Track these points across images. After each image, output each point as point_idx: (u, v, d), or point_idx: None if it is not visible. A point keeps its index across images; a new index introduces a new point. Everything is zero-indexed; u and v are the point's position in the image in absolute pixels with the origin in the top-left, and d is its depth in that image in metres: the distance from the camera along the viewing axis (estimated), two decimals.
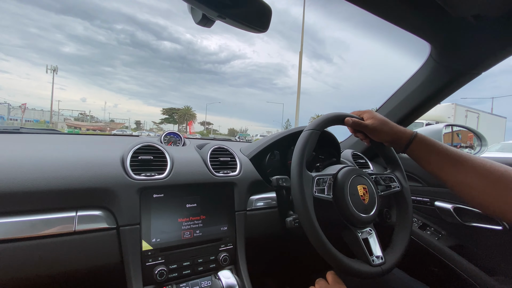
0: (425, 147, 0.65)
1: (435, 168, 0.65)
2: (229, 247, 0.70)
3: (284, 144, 0.92)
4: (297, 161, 0.60)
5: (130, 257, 0.58)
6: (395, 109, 0.95)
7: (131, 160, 0.66)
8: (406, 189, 0.72)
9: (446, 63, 0.78)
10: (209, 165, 0.73)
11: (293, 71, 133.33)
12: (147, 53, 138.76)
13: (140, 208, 0.61)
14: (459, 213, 0.86)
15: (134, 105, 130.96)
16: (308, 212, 0.57)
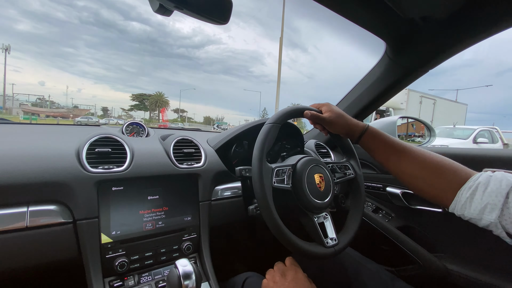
0: (374, 139, 0.71)
1: (382, 158, 0.71)
2: (193, 236, 0.72)
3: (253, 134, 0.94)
4: (257, 154, 0.62)
5: (88, 250, 0.58)
6: (353, 103, 1.01)
7: (87, 153, 0.63)
8: (359, 176, 0.78)
9: (399, 60, 0.84)
10: (172, 157, 0.73)
11: (269, 59, 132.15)
12: (114, 34, 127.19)
13: (98, 202, 0.60)
14: (406, 198, 0.96)
15: (100, 90, 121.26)
16: (266, 201, 0.60)
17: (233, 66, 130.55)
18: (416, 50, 0.80)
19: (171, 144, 0.76)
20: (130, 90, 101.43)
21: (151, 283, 0.63)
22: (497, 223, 0.54)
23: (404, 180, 0.69)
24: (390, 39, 0.81)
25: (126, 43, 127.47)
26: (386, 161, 0.71)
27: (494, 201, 0.53)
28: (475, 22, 0.67)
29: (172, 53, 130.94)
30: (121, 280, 0.61)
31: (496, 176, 0.55)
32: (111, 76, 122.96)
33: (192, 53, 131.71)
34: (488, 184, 0.55)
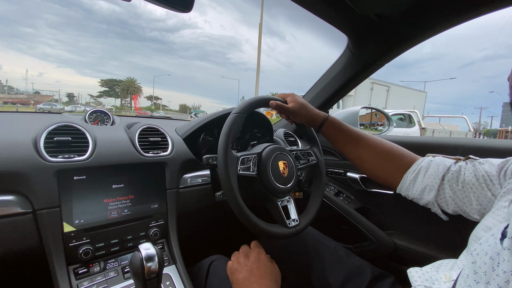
0: (333, 127, 0.76)
1: (340, 145, 0.77)
2: (160, 223, 0.74)
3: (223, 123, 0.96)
4: (222, 143, 0.65)
5: (50, 239, 0.58)
6: (318, 94, 1.06)
7: (46, 142, 0.62)
8: (321, 162, 0.84)
9: (358, 54, 0.90)
10: (137, 145, 0.73)
11: (247, 46, 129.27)
12: (79, 14, 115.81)
13: (58, 191, 0.59)
14: (364, 182, 1.05)
15: (64, 74, 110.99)
16: (231, 188, 0.63)
17: (209, 52, 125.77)
18: (373, 44, 0.85)
19: (136, 132, 0.76)
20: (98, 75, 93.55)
21: (117, 269, 0.64)
22: (434, 202, 0.62)
23: (358, 165, 0.76)
24: (350, 34, 0.85)
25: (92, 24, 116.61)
26: (343, 148, 0.77)
27: (432, 183, 0.61)
28: (426, 19, 0.73)
29: (144, 36, 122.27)
30: (86, 267, 0.61)
31: (435, 160, 0.63)
32: (77, 60, 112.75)
33: (166, 37, 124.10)
34: (429, 168, 0.63)
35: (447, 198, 0.60)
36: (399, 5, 0.70)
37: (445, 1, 0.66)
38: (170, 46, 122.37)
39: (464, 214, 0.59)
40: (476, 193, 0.55)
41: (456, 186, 0.58)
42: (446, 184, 0.60)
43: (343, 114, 1.21)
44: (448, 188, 0.59)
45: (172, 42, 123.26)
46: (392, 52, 0.86)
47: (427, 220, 0.88)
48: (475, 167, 0.57)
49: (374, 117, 1.57)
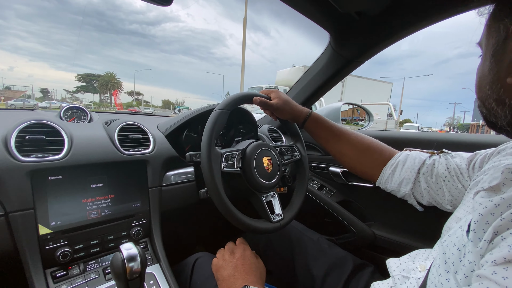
0: (316, 123, 0.78)
1: (323, 140, 0.79)
2: (143, 222, 0.72)
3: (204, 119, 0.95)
4: (206, 140, 0.64)
5: (24, 242, 0.55)
6: (301, 91, 1.08)
7: (17, 141, 0.58)
8: (304, 157, 0.85)
9: (340, 51, 0.92)
10: (116, 143, 0.71)
11: (231, 41, 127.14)
12: (52, 4, 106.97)
13: (32, 192, 0.56)
14: (345, 176, 1.08)
15: (37, 68, 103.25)
16: (215, 185, 0.63)
17: (193, 47, 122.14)
18: (353, 42, 0.87)
19: (116, 129, 0.73)
20: (74, 70, 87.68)
21: (98, 270, 0.63)
22: (410, 194, 0.66)
23: (340, 160, 0.78)
24: (332, 31, 0.87)
25: (67, 15, 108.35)
26: (326, 143, 0.79)
27: (409, 176, 0.65)
28: (404, 18, 0.75)
29: (123, 29, 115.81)
30: (65, 269, 0.59)
31: (412, 154, 0.66)
32: (50, 53, 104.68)
33: (147, 30, 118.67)
34: (406, 162, 0.66)
35: (422, 190, 0.63)
36: (378, 3, 0.72)
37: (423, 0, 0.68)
38: (151, 39, 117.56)
39: (438, 205, 0.63)
40: (448, 185, 0.58)
41: (430, 179, 0.62)
42: (422, 177, 0.63)
43: (326, 110, 1.23)
44: (424, 181, 0.63)
45: (153, 36, 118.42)
46: (372, 49, 0.89)
47: (404, 212, 0.92)
48: (447, 160, 0.60)
49: (356, 112, 1.61)
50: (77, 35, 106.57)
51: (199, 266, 0.71)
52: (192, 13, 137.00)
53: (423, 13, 0.72)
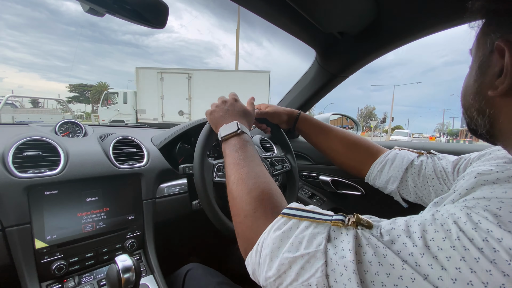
0: (306, 122, 0.82)
1: (313, 137, 0.82)
2: (137, 234, 0.74)
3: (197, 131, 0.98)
4: (198, 151, 0.67)
5: (21, 257, 0.56)
6: (289, 105, 1.12)
7: (14, 157, 0.60)
8: (294, 168, 0.89)
9: (326, 66, 0.97)
10: (111, 157, 0.73)
11: (224, 51, 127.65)
12: (43, 15, 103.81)
13: (29, 207, 0.58)
14: (335, 184, 1.12)
15: (27, 79, 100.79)
16: (207, 195, 0.65)
17: (186, 57, 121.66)
18: (338, 58, 0.93)
19: (111, 144, 0.76)
20: (66, 80, 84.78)
21: (93, 282, 0.64)
22: (396, 191, 0.69)
23: (329, 155, 0.81)
24: (317, 48, 0.92)
25: (59, 26, 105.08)
26: (316, 140, 0.82)
27: (396, 174, 0.68)
28: (383, 37, 0.81)
29: (116, 39, 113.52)
30: (60, 282, 0.61)
31: (400, 153, 0.70)
32: (41, 64, 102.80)
33: (140, 41, 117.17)
34: (394, 160, 0.69)
35: (410, 189, 0.66)
36: (358, 24, 0.77)
37: (399, 21, 0.74)
38: (145, 50, 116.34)
39: (424, 204, 0.66)
40: (434, 186, 0.61)
41: (417, 179, 0.65)
42: (409, 177, 0.66)
43: None
44: (411, 181, 0.66)
45: (146, 46, 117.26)
46: (356, 65, 0.94)
47: (390, 212, 0.96)
48: (434, 162, 0.63)
49: (345, 121, 1.67)
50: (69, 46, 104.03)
51: (190, 277, 0.72)
52: (185, 24, 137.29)
53: (403, 31, 0.78)
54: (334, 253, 0.30)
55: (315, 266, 0.30)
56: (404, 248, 0.27)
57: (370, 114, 55.30)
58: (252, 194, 0.43)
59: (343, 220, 0.32)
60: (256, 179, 0.45)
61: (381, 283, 0.26)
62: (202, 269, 0.73)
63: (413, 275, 0.25)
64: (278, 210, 0.39)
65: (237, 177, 0.47)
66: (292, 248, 0.32)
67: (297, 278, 0.31)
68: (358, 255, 0.28)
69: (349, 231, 0.31)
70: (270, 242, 0.34)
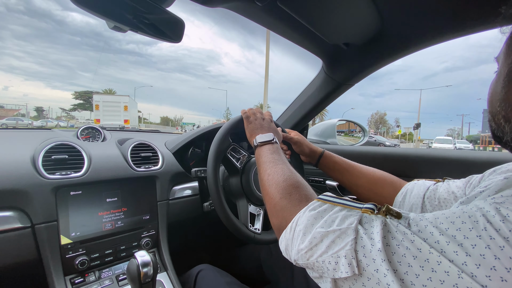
0: (330, 161, 0.84)
1: (337, 175, 0.84)
2: (152, 233, 0.79)
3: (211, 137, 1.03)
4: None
5: (48, 252, 0.61)
6: (295, 112, 1.16)
7: (44, 160, 0.66)
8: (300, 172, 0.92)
9: (332, 75, 1.00)
10: (129, 161, 0.78)
11: (226, 59, 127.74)
12: (50, 25, 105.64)
13: (56, 206, 0.63)
14: (341, 189, 1.14)
15: (33, 88, 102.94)
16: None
17: (189, 65, 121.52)
18: (343, 67, 0.96)
19: (129, 148, 0.81)
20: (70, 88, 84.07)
21: (111, 277, 0.69)
22: None
23: (356, 192, 0.82)
24: (324, 58, 0.96)
25: (64, 36, 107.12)
26: (341, 178, 0.84)
27: (416, 201, 0.70)
28: (389, 47, 0.84)
29: (120, 48, 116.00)
30: (82, 276, 0.65)
31: (418, 183, 0.72)
32: (46, 72, 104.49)
33: (143, 50, 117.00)
34: (413, 190, 0.72)
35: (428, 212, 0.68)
36: (363, 36, 0.81)
37: (404, 32, 0.77)
38: (148, 58, 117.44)
39: None
40: (448, 206, 0.62)
41: (434, 202, 0.66)
42: (427, 201, 0.67)
43: (322, 126, 1.31)
44: (428, 205, 0.67)
45: (150, 55, 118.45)
46: (362, 73, 0.97)
47: None
48: (448, 185, 0.65)
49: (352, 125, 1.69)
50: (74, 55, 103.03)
51: (201, 278, 0.76)
52: (188, 33, 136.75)
53: (408, 41, 0.80)
54: (364, 232, 0.32)
55: (345, 240, 0.32)
56: (431, 236, 0.28)
57: (381, 120, 54.45)
58: (287, 182, 0.48)
59: (373, 209, 0.35)
60: (290, 173, 0.51)
61: (408, 264, 0.28)
62: (213, 270, 0.77)
63: (439, 258, 0.27)
64: (311, 197, 0.44)
65: (273, 170, 0.53)
66: (325, 224, 0.35)
67: (327, 250, 0.33)
68: (387, 239, 0.30)
69: (378, 218, 0.33)
70: (305, 219, 0.37)
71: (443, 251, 0.27)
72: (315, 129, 1.38)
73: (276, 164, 0.55)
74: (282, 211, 0.44)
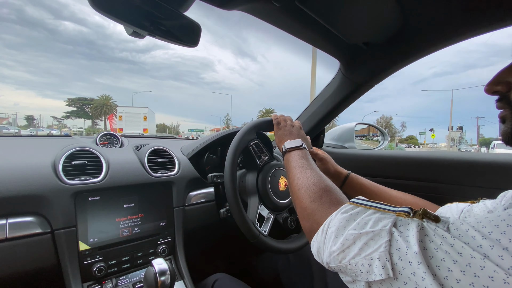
0: (357, 182, 0.79)
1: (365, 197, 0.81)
2: (168, 240, 0.77)
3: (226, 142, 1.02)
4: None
5: (66, 257, 0.61)
6: (312, 115, 1.13)
7: (64, 166, 0.67)
8: None
9: (350, 76, 0.97)
10: (146, 167, 0.78)
11: (220, 66, 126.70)
12: (42, 34, 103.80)
13: (75, 211, 0.63)
14: None
15: (24, 97, 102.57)
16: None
17: (182, 72, 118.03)
18: (362, 68, 0.93)
19: (146, 154, 0.81)
20: (62, 97, 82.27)
21: (128, 285, 0.67)
22: None
23: None
24: (342, 59, 0.93)
25: (57, 45, 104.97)
26: None
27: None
28: (409, 45, 0.80)
29: (113, 57, 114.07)
30: (99, 283, 0.65)
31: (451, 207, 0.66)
32: (38, 81, 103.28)
33: (136, 58, 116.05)
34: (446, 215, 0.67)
35: None
36: (383, 34, 0.78)
37: (427, 28, 0.73)
38: (142, 66, 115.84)
39: None
40: None
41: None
42: None
43: (339, 130, 1.27)
44: None
45: (143, 63, 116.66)
46: (382, 73, 0.93)
47: None
48: (484, 204, 0.61)
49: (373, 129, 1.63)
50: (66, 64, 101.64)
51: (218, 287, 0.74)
52: None
53: (431, 38, 0.76)
54: (399, 235, 0.30)
55: (379, 242, 0.31)
56: (473, 240, 0.27)
57: (387, 124, 52.88)
58: (318, 185, 0.48)
59: (408, 212, 0.33)
60: (320, 178, 0.50)
61: (447, 269, 0.26)
62: (230, 280, 0.74)
63: (482, 262, 0.25)
64: (342, 200, 0.43)
65: (303, 175, 0.53)
66: (358, 227, 0.34)
67: (360, 252, 0.32)
68: (423, 242, 0.29)
69: (414, 221, 0.31)
70: (337, 222, 0.36)
71: (487, 255, 0.25)
72: (332, 133, 1.34)
73: (305, 169, 0.55)
74: (313, 214, 0.43)
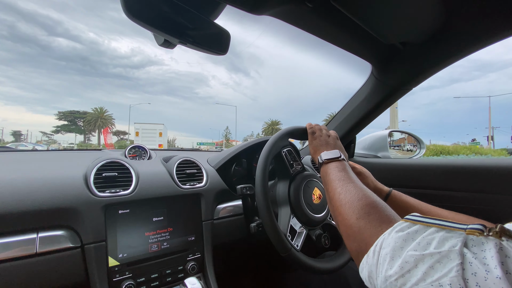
0: (399, 200, 0.71)
1: None
2: (197, 256, 0.73)
3: (250, 152, 0.98)
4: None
5: (96, 274, 0.59)
6: (343, 121, 1.06)
7: (94, 178, 0.66)
8: None
9: (384, 80, 0.91)
10: (175, 178, 0.76)
11: (214, 82, 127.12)
12: (34, 50, 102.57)
13: (105, 225, 0.62)
14: None
15: (13, 112, 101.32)
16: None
17: (177, 87, 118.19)
18: (399, 70, 0.86)
19: (174, 165, 0.79)
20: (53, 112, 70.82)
21: None
22: None
23: None
24: (375, 61, 0.87)
25: (49, 61, 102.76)
26: None
27: None
28: (451, 44, 0.74)
29: (107, 72, 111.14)
30: None
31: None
32: (28, 97, 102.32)
33: (131, 73, 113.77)
34: None
35: None
36: (423, 33, 0.72)
37: (472, 25, 0.67)
38: (135, 81, 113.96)
39: None
40: None
41: None
42: None
43: (371, 138, 1.19)
44: None
45: (137, 78, 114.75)
46: (420, 76, 0.86)
47: None
48: None
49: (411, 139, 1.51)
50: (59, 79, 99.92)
51: None
52: (175, 57, 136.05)
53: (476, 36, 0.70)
54: (473, 257, 0.25)
55: (448, 266, 0.26)
56: None
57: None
58: (363, 201, 0.43)
59: (481, 230, 0.27)
60: (365, 192, 0.46)
61: None
62: None
63: None
64: (394, 218, 0.38)
65: (345, 189, 0.48)
66: (419, 247, 0.29)
67: (425, 277, 0.27)
68: (505, 265, 0.24)
69: (490, 241, 0.26)
70: (392, 242, 0.32)
71: None
72: (363, 142, 1.26)
73: (347, 183, 0.50)
74: (360, 233, 0.39)
